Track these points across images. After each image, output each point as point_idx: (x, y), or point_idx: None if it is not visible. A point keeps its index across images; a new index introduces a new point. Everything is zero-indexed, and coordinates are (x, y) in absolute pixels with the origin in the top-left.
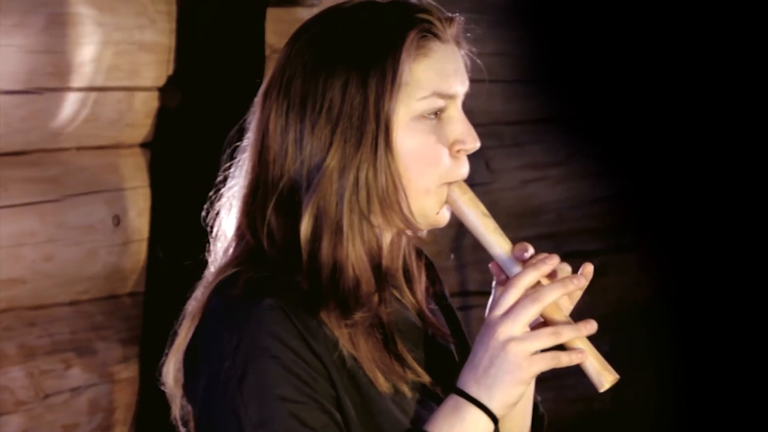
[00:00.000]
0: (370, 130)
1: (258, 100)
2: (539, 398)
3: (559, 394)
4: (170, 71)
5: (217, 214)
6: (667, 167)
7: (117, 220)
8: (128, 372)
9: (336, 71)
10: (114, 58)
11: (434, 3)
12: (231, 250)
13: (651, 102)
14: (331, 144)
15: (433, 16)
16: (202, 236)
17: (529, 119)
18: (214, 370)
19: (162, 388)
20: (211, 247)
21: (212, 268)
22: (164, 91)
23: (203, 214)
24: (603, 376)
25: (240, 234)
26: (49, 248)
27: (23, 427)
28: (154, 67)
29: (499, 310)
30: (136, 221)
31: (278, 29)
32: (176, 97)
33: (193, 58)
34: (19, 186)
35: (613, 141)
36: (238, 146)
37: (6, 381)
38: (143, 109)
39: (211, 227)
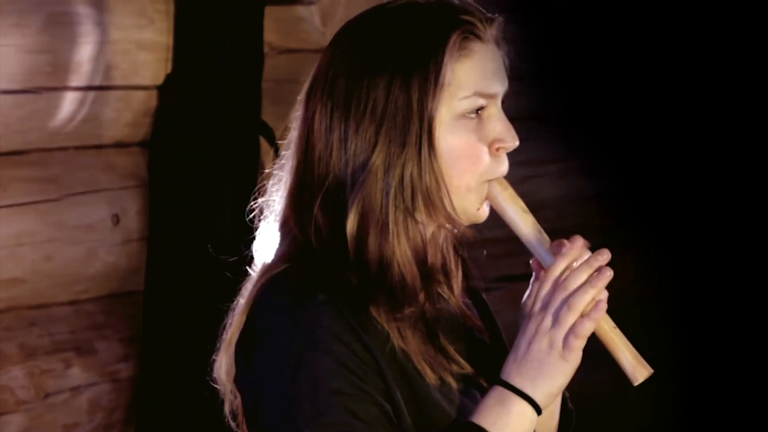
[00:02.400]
0: (414, 130)
1: (301, 98)
2: (567, 394)
3: None
4: (169, 70)
5: (261, 211)
6: (665, 165)
7: (116, 219)
8: (128, 371)
9: (380, 72)
10: (112, 58)
11: (475, 4)
12: (278, 246)
13: (649, 99)
14: (375, 143)
15: (474, 18)
16: (200, 234)
17: (528, 116)
18: (267, 364)
19: (213, 384)
20: (256, 244)
21: (259, 264)
22: (163, 90)
23: (247, 210)
24: (637, 370)
25: (287, 230)
26: (48, 248)
27: (24, 426)
28: (152, 66)
29: (539, 304)
30: (135, 220)
31: (277, 27)
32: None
33: (192, 57)
34: (19, 186)
35: (612, 138)
36: (281, 144)
37: (6, 381)
38: (142, 108)
39: (257, 224)
